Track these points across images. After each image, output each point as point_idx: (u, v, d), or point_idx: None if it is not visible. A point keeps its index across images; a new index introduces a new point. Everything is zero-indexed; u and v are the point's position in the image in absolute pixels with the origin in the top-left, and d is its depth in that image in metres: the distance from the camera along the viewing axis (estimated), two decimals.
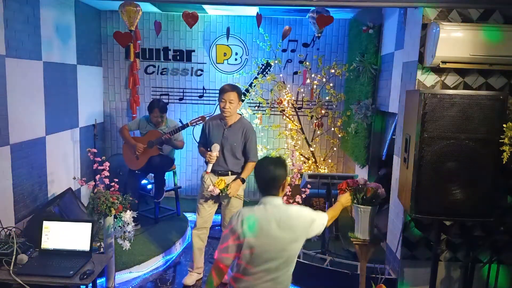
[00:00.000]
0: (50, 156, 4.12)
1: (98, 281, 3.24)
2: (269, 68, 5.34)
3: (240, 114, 3.59)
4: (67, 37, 4.46)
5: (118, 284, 3.54)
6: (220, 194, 3.37)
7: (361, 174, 4.65)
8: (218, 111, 5.39)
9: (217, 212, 3.66)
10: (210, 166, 3.40)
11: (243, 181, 3.44)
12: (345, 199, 2.65)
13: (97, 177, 3.55)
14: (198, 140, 3.72)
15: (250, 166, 3.43)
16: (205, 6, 4.83)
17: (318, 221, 2.17)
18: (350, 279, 3.24)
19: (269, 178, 2.09)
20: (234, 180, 3.41)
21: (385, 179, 3.83)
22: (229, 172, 3.45)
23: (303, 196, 3.64)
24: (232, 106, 3.34)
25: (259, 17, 4.14)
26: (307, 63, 5.35)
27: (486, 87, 2.91)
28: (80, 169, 4.84)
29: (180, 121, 4.71)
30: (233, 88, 3.38)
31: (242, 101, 3.89)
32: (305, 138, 5.39)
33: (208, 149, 3.47)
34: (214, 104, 5.61)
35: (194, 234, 3.57)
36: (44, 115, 4.00)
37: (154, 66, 5.55)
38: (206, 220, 3.55)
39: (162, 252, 4.03)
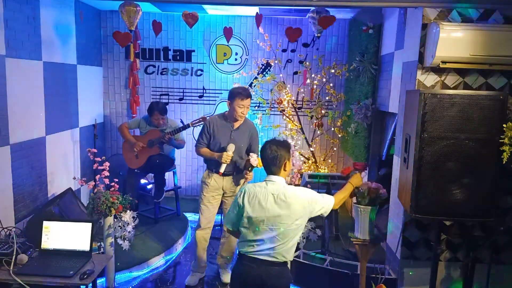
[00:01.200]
0: (50, 156, 4.12)
1: (98, 281, 3.24)
2: (269, 68, 5.34)
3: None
4: (67, 37, 4.46)
5: (118, 284, 3.54)
6: (250, 169, 3.38)
7: (361, 174, 4.65)
8: (218, 111, 5.44)
9: (218, 212, 3.69)
10: (224, 166, 3.31)
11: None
12: (355, 180, 2.68)
13: (97, 177, 3.55)
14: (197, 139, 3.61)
15: None
16: (205, 6, 4.83)
17: (320, 202, 2.37)
18: (350, 279, 3.24)
19: (271, 157, 2.34)
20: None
21: (385, 179, 3.83)
22: (234, 173, 3.47)
23: None
24: (247, 111, 3.36)
25: (259, 17, 4.14)
26: (307, 63, 5.35)
27: (486, 87, 2.91)
28: (80, 169, 4.84)
29: (182, 122, 4.71)
30: (249, 93, 3.36)
31: None
32: (305, 138, 5.39)
33: (207, 147, 3.46)
34: (214, 104, 5.61)
35: (199, 234, 3.57)
36: (44, 115, 4.00)
37: (154, 66, 5.55)
38: (210, 220, 3.57)
39: (162, 252, 4.03)
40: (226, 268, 3.71)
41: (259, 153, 2.47)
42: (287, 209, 2.28)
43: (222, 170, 3.33)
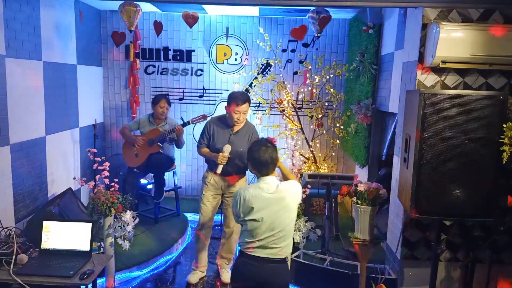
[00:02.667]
0: (50, 156, 4.12)
1: (98, 281, 3.24)
2: (269, 68, 5.34)
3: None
4: (67, 37, 4.46)
5: (118, 284, 3.54)
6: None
7: (361, 174, 4.65)
8: (218, 111, 5.44)
9: (217, 213, 3.71)
10: (220, 167, 3.30)
11: None
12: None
13: (97, 177, 3.55)
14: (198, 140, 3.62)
15: None
16: (205, 6, 4.83)
17: (299, 190, 2.53)
18: (350, 279, 3.24)
19: (270, 161, 2.44)
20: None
21: (385, 179, 3.83)
22: (233, 173, 3.46)
23: (303, 196, 3.64)
24: (245, 116, 3.34)
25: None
26: (307, 63, 5.35)
27: (486, 87, 2.91)
28: (80, 169, 4.84)
29: (182, 119, 4.71)
30: (246, 98, 3.32)
31: None
32: (305, 138, 5.39)
33: (207, 147, 3.47)
34: (214, 104, 5.61)
35: (199, 234, 3.61)
36: (44, 115, 4.00)
37: (154, 66, 5.55)
38: (209, 219, 3.59)
39: (162, 252, 4.03)
40: (226, 268, 3.72)
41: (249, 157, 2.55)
42: (284, 205, 2.39)
43: (218, 171, 3.32)
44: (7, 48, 3.36)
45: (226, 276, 3.67)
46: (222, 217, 3.72)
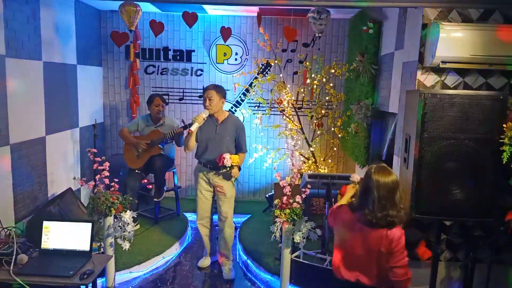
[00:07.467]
0: (50, 156, 4.12)
1: (98, 281, 3.24)
2: (269, 68, 5.34)
3: (228, 111, 3.81)
4: (67, 37, 4.46)
5: (118, 284, 3.54)
6: (226, 169, 3.52)
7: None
8: None
9: (214, 212, 3.78)
10: (195, 125, 3.52)
11: (239, 168, 3.64)
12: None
13: (97, 177, 3.55)
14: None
15: (242, 156, 3.73)
16: (205, 6, 4.83)
17: None
18: None
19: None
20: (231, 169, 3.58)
21: None
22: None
23: (303, 196, 3.64)
24: (212, 103, 3.55)
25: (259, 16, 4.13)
26: (307, 63, 5.35)
27: (486, 87, 2.91)
28: (80, 169, 4.84)
29: (183, 121, 4.70)
30: (213, 87, 3.60)
31: (241, 100, 3.94)
32: (305, 138, 5.39)
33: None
34: None
35: (199, 224, 3.87)
36: (44, 115, 4.00)
37: (154, 66, 5.55)
38: (206, 210, 3.81)
39: (162, 252, 4.03)
40: (227, 265, 3.78)
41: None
42: None
43: (193, 128, 3.52)
44: (7, 48, 3.36)
45: (227, 273, 3.72)
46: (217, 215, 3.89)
